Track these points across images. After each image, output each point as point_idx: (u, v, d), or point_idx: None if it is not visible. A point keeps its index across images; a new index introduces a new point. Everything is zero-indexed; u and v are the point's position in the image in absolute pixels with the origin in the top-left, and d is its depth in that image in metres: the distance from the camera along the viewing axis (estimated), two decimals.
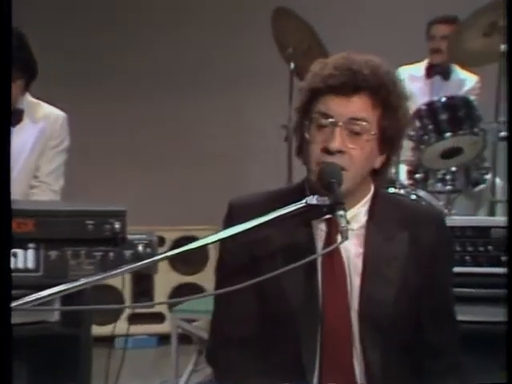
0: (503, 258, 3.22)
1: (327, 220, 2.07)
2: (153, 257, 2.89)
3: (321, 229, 2.09)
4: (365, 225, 2.09)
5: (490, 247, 3.21)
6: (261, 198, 2.15)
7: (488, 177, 4.46)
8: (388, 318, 2.05)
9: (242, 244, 2.06)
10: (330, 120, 2.00)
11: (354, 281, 2.07)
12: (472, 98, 4.52)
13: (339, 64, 2.02)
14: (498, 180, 4.45)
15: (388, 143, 2.06)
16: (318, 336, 2.05)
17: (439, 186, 4.33)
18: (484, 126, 4.29)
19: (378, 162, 2.09)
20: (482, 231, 3.22)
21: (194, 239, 5.94)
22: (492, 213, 4.31)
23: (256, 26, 5.64)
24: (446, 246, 2.18)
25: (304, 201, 1.99)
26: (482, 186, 4.43)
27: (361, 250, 2.09)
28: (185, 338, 4.54)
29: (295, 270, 1.84)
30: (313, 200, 2.00)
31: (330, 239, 2.07)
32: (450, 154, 4.25)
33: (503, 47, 4.46)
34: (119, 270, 1.89)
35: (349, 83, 1.98)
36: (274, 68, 5.14)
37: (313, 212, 2.01)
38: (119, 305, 4.37)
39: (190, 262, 5.81)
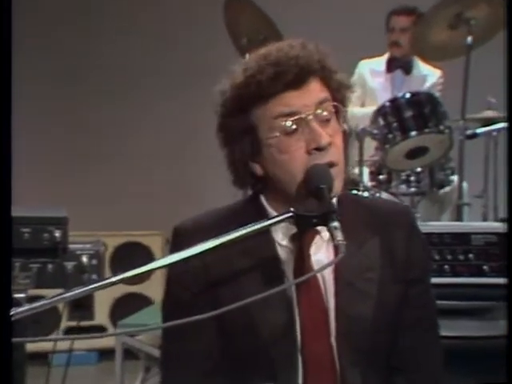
0: (485, 267, 2.97)
1: (294, 235, 1.81)
2: (98, 269, 2.55)
3: (286, 245, 1.83)
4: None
5: (470, 255, 2.96)
6: (210, 218, 1.87)
7: (453, 178, 4.22)
8: (367, 337, 1.80)
9: (196, 270, 1.79)
10: (298, 117, 1.73)
11: (330, 298, 1.82)
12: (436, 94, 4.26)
13: (278, 57, 1.75)
14: (463, 183, 4.22)
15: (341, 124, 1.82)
16: (298, 365, 1.79)
17: (403, 187, 4.09)
18: (450, 123, 4.03)
19: None
20: (462, 238, 2.97)
21: (138, 246, 5.57)
22: (459, 217, 4.06)
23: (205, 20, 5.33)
24: (420, 246, 1.92)
25: (289, 211, 1.72)
26: (446, 189, 4.18)
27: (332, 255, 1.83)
28: (129, 354, 4.17)
29: (265, 305, 1.69)
30: (301, 209, 1.68)
31: (301, 256, 1.81)
32: (414, 153, 3.99)
33: (469, 40, 4.23)
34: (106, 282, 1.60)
35: (300, 72, 1.73)
36: (228, 63, 4.80)
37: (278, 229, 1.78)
38: (58, 319, 3.95)
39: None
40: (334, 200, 1.77)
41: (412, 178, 4.08)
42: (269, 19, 4.39)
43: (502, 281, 2.99)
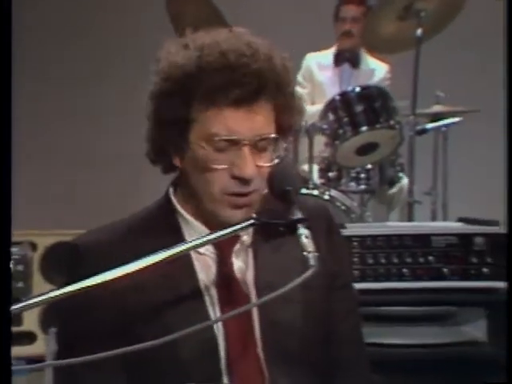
0: (445, 270, 2.78)
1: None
2: (25, 276, 2.29)
3: (205, 253, 1.61)
4: (251, 235, 1.63)
5: (430, 258, 2.76)
6: (118, 232, 1.62)
7: (402, 175, 4.05)
8: (295, 343, 1.61)
9: (109, 294, 1.49)
10: (232, 138, 1.51)
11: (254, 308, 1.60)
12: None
13: (239, 64, 1.49)
14: (405, 180, 4.06)
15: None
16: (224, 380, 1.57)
17: (353, 185, 3.90)
18: (400, 118, 3.85)
19: None
20: (422, 240, 2.76)
21: (61, 245, 5.21)
22: (410, 215, 3.89)
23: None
24: (341, 243, 1.75)
25: (252, 218, 1.51)
26: (395, 187, 4.01)
27: (252, 267, 1.64)
28: None
29: (180, 315, 1.52)
30: (266, 216, 1.45)
31: (223, 264, 1.59)
32: (365, 150, 3.81)
33: (419, 32, 4.05)
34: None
35: (255, 90, 1.49)
36: None
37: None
38: None
39: (61, 271, 5.03)
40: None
41: (362, 175, 3.92)
42: (216, 9, 4.11)
43: (462, 284, 2.81)
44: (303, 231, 1.42)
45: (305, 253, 1.39)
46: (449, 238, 2.79)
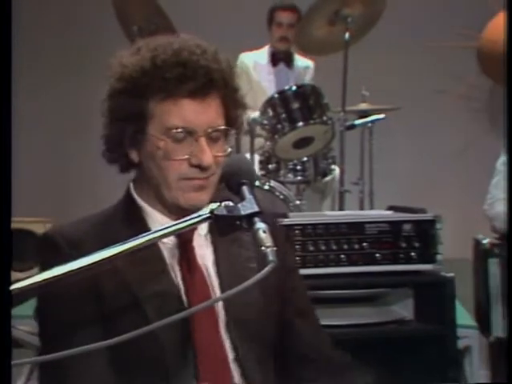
0: (377, 256, 2.69)
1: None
2: None
3: (168, 242, 1.51)
4: (208, 225, 1.54)
5: (364, 244, 2.67)
6: (88, 225, 1.53)
7: (334, 167, 3.97)
8: (257, 325, 1.53)
9: (79, 283, 1.36)
10: (190, 129, 1.46)
11: (216, 290, 1.52)
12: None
13: (190, 60, 1.45)
14: (337, 171, 3.98)
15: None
16: (191, 361, 1.47)
17: (290, 176, 3.81)
18: (331, 115, 3.78)
19: None
20: (357, 227, 2.67)
21: (23, 232, 4.97)
22: (341, 203, 3.82)
23: None
24: (284, 234, 1.66)
25: (207, 211, 1.35)
26: (327, 177, 3.93)
27: (212, 254, 1.55)
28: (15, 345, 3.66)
29: (153, 304, 1.43)
30: (221, 210, 1.31)
31: (186, 253, 1.50)
32: (301, 143, 3.72)
33: (347, 36, 4.00)
34: None
35: (206, 84, 1.46)
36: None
37: None
38: None
39: (24, 258, 4.76)
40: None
41: (298, 167, 3.85)
42: (160, 8, 3.95)
43: (393, 268, 2.74)
44: (260, 225, 1.29)
45: (263, 248, 1.26)
46: (380, 226, 2.71)
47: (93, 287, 1.42)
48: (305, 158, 3.82)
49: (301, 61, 4.63)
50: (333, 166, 3.98)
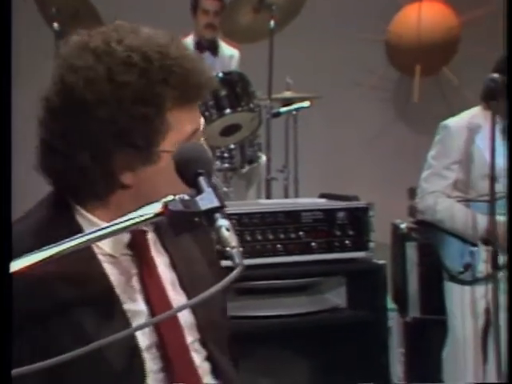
0: (313, 244, 2.54)
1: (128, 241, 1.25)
2: None
3: (118, 256, 1.25)
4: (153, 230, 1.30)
5: (301, 233, 2.51)
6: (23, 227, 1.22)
7: (260, 154, 3.79)
8: (223, 323, 1.36)
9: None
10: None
11: (178, 301, 1.27)
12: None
13: (201, 69, 1.22)
14: (263, 159, 3.81)
15: None
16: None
17: (218, 163, 3.60)
18: (258, 102, 3.59)
19: None
20: (293, 216, 2.50)
21: None
22: (268, 191, 3.65)
23: None
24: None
25: (160, 205, 1.10)
26: (253, 165, 3.75)
27: (165, 257, 1.30)
28: None
29: (99, 314, 1.17)
30: (177, 204, 1.08)
31: (144, 263, 1.26)
32: (228, 131, 3.52)
33: (272, 24, 3.82)
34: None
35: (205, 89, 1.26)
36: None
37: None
38: None
39: None
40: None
41: (225, 155, 3.65)
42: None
43: (328, 256, 2.60)
44: (223, 222, 1.06)
45: (228, 248, 1.04)
46: (316, 214, 2.56)
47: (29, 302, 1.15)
48: (232, 146, 3.62)
49: (226, 49, 4.42)
50: (259, 154, 3.81)
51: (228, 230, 1.06)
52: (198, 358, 1.29)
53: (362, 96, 5.39)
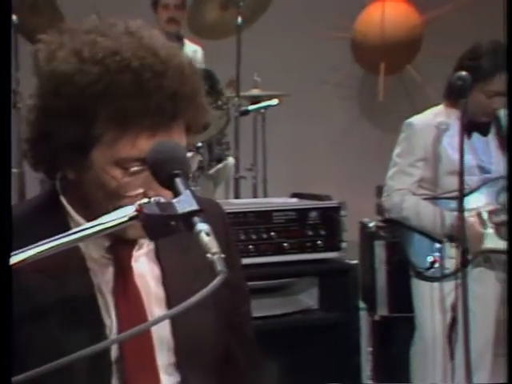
0: (285, 245, 2.47)
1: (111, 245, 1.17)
2: None
3: (99, 259, 1.17)
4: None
5: (272, 233, 2.44)
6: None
7: (227, 153, 3.71)
8: (208, 346, 1.23)
9: None
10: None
11: (157, 314, 1.18)
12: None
13: (143, 81, 1.08)
14: (231, 158, 3.73)
15: None
16: None
17: None
18: (226, 100, 3.52)
19: None
20: (265, 216, 2.43)
21: None
22: (236, 190, 3.57)
23: None
24: (232, 240, 1.37)
25: (133, 208, 1.02)
26: (220, 164, 3.67)
27: (157, 271, 1.21)
28: None
29: (73, 326, 1.10)
30: (152, 207, 1.00)
31: (121, 271, 1.17)
32: None
33: (239, 20, 3.73)
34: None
35: (168, 116, 1.09)
36: None
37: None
38: None
39: None
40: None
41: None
42: None
43: (300, 257, 2.54)
44: (202, 227, 0.98)
45: (209, 255, 0.96)
46: (288, 214, 2.49)
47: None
48: (199, 144, 3.53)
49: (189, 45, 4.31)
50: (226, 152, 3.73)
51: (208, 234, 0.97)
52: (169, 381, 1.18)
53: (328, 94, 5.35)
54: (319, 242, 2.53)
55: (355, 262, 2.66)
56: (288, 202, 2.68)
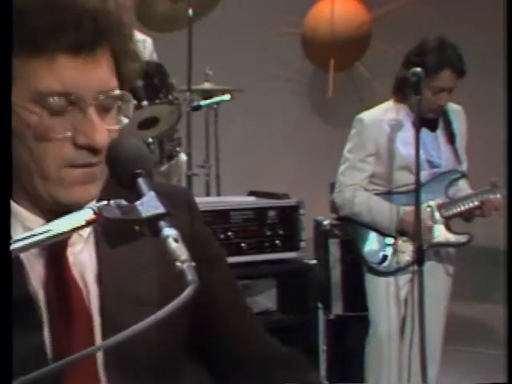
0: (243, 245, 2.38)
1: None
2: None
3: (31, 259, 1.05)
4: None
5: (230, 233, 2.34)
6: None
7: (179, 149, 3.58)
8: (148, 348, 1.09)
9: None
10: (71, 97, 0.99)
11: (95, 314, 1.07)
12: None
13: (68, 2, 0.97)
14: (182, 155, 3.61)
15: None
16: None
17: None
18: (177, 94, 3.38)
19: None
20: (222, 216, 2.33)
21: None
22: (189, 187, 3.45)
23: None
24: (205, 229, 1.26)
25: (91, 211, 0.92)
26: (173, 160, 3.54)
27: (96, 271, 1.10)
28: None
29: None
30: (112, 211, 0.90)
31: (55, 261, 1.05)
32: (146, 124, 3.27)
33: (190, 12, 3.62)
34: None
35: (92, 36, 0.99)
36: None
37: None
38: None
39: None
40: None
41: None
42: None
43: (258, 258, 2.44)
44: (169, 232, 0.89)
45: (177, 263, 0.86)
46: (246, 213, 2.40)
47: None
48: (150, 140, 3.39)
49: (137, 34, 4.14)
50: (178, 149, 3.60)
51: (176, 240, 0.88)
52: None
53: (280, 89, 5.29)
54: (278, 242, 2.45)
55: (314, 261, 2.59)
56: (245, 200, 2.59)
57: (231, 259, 2.37)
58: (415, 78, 2.64)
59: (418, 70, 2.62)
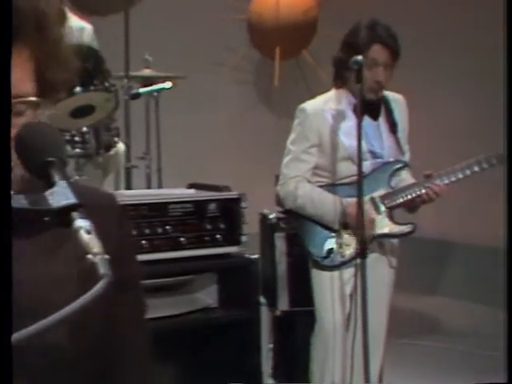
0: (182, 240, 2.31)
1: None
2: None
3: None
4: None
5: (168, 227, 2.27)
6: None
7: (117, 139, 3.47)
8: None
9: None
10: None
11: None
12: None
13: None
14: (121, 145, 3.50)
15: None
16: None
17: (68, 148, 3.21)
18: (114, 81, 3.27)
19: None
20: (160, 209, 2.26)
21: None
22: (128, 180, 3.35)
23: None
24: (131, 240, 1.24)
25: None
26: (111, 152, 3.43)
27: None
28: None
29: None
30: (19, 200, 0.84)
31: None
32: (80, 112, 3.15)
33: None
34: None
35: None
36: None
37: None
38: None
39: None
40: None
41: (77, 139, 3.23)
42: None
43: (198, 252, 2.38)
44: (82, 223, 0.82)
45: (89, 256, 0.80)
46: (185, 206, 2.33)
47: None
48: (84, 129, 3.27)
49: (75, 21, 4.01)
50: (116, 139, 3.49)
51: (89, 232, 0.82)
52: None
53: (224, 78, 5.21)
54: (218, 236, 2.39)
55: (256, 256, 2.54)
56: (185, 193, 2.51)
57: (169, 254, 2.30)
58: (356, 66, 2.62)
59: (359, 58, 2.61)
